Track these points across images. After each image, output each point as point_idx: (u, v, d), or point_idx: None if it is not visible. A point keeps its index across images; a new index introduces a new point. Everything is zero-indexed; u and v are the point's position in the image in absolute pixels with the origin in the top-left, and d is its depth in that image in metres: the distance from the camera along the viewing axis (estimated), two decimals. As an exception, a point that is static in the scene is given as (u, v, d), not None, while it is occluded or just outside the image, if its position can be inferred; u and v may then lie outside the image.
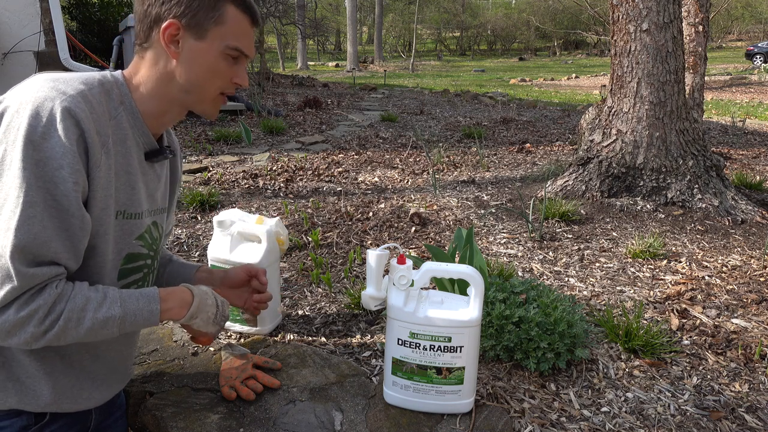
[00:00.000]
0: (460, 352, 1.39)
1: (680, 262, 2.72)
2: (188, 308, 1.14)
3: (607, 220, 3.33)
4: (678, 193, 3.50)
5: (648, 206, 3.48)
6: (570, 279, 2.52)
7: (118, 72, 1.13)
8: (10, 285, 0.92)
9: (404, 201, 3.68)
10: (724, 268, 2.65)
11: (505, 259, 2.74)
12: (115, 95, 1.07)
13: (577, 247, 2.90)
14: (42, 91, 0.96)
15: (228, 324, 1.98)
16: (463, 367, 1.42)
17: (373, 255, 1.43)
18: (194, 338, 1.28)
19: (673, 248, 2.90)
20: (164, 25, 1.07)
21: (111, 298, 1.02)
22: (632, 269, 2.63)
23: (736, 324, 2.11)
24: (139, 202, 1.13)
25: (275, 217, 2.65)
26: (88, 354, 1.14)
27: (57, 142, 0.93)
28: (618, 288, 2.43)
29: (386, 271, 1.45)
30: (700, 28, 4.55)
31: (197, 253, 2.76)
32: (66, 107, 0.95)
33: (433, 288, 2.17)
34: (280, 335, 1.96)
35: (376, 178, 4.32)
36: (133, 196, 1.11)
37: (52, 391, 1.08)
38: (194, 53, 1.08)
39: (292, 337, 1.95)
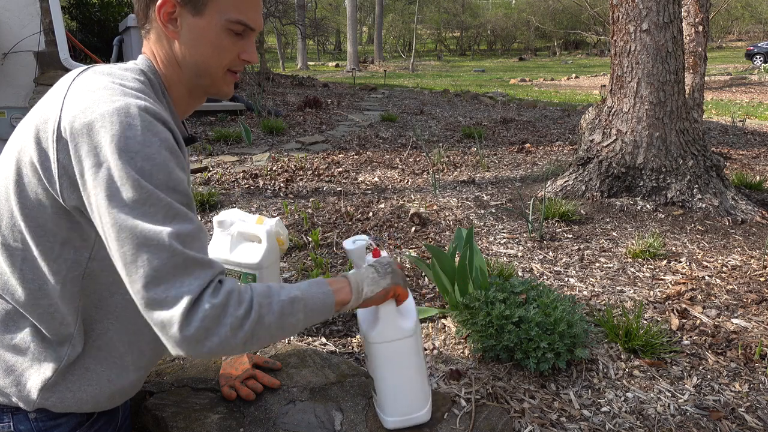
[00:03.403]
0: None
1: (680, 262, 2.72)
2: (349, 285, 1.07)
3: (607, 220, 3.33)
4: (678, 193, 3.50)
5: (648, 206, 3.48)
6: (570, 279, 2.52)
7: (146, 59, 1.07)
8: (201, 271, 0.87)
9: (404, 201, 3.68)
10: (724, 268, 2.65)
11: (505, 259, 2.74)
12: (156, 86, 1.04)
13: (577, 247, 2.90)
14: (113, 96, 0.91)
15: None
16: None
17: (349, 246, 1.33)
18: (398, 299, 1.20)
19: (673, 248, 2.90)
20: (159, 2, 1.00)
21: (281, 285, 0.99)
22: (632, 269, 2.63)
23: (736, 324, 2.11)
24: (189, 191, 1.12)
25: (275, 217, 2.65)
26: (153, 351, 1.14)
27: (161, 147, 0.89)
28: (618, 288, 2.43)
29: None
30: (700, 28, 4.55)
31: (197, 253, 2.75)
32: (146, 108, 0.91)
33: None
34: (280, 335, 1.96)
35: (376, 178, 4.32)
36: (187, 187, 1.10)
37: (113, 395, 1.09)
38: (194, 31, 1.01)
39: (292, 337, 1.95)
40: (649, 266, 2.66)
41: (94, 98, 0.91)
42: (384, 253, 1.26)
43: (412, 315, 1.24)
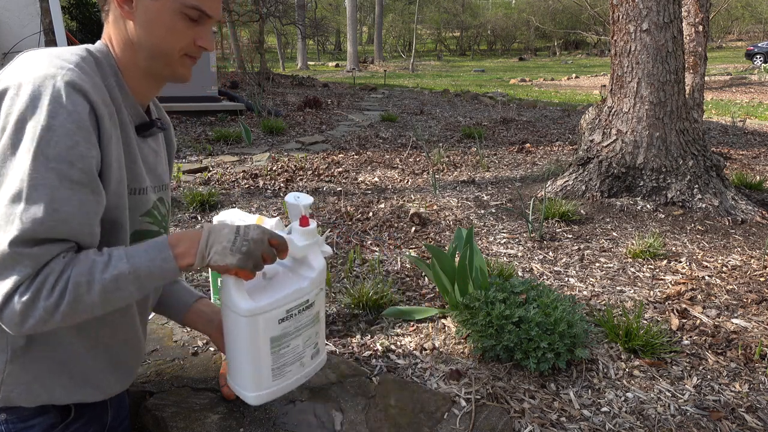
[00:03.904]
0: None
1: (680, 262, 2.72)
2: (197, 248, 0.99)
3: (607, 220, 3.33)
4: (678, 193, 3.50)
5: (648, 206, 3.49)
6: (570, 279, 2.52)
7: (101, 42, 1.07)
8: (19, 269, 0.88)
9: (404, 201, 3.68)
10: (724, 268, 2.65)
11: (505, 259, 2.74)
12: (105, 66, 1.03)
13: (577, 247, 2.90)
14: (40, 68, 0.93)
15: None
16: None
17: (290, 200, 1.22)
18: (237, 273, 1.04)
19: (673, 248, 2.90)
20: None
21: (116, 256, 0.95)
22: (632, 269, 2.63)
23: (736, 324, 2.11)
24: (142, 176, 1.09)
25: (275, 217, 2.65)
26: (107, 328, 1.11)
27: (67, 119, 0.89)
28: (618, 288, 2.43)
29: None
30: (700, 28, 4.55)
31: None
32: (70, 81, 0.91)
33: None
34: (280, 335, 1.96)
35: (376, 178, 4.32)
36: (136, 170, 1.08)
37: (74, 378, 1.07)
38: (149, 12, 1.01)
39: (292, 337, 1.95)
40: (649, 266, 2.66)
41: (22, 67, 0.95)
42: (312, 224, 1.14)
43: (259, 298, 1.09)
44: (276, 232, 1.06)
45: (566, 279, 2.52)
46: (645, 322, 2.10)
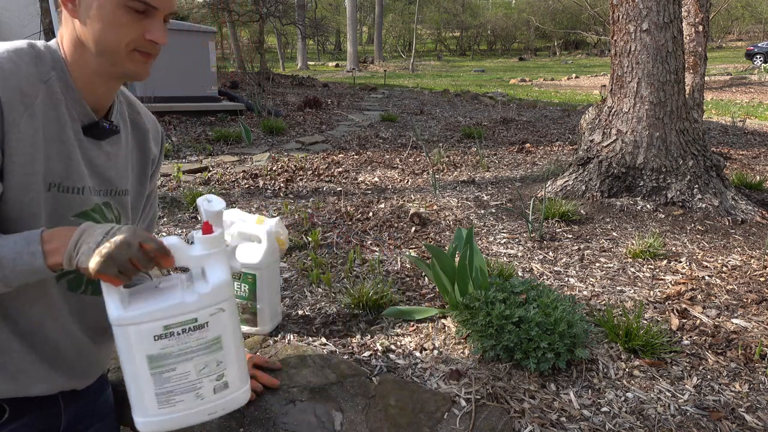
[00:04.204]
0: None
1: (680, 262, 2.72)
2: (66, 247, 0.91)
3: (607, 220, 3.33)
4: (678, 193, 3.50)
5: (648, 206, 3.49)
6: (570, 279, 2.52)
7: (54, 40, 1.06)
8: None
9: (404, 201, 3.68)
10: (724, 268, 2.65)
11: (505, 259, 2.74)
12: (47, 60, 1.01)
13: (577, 247, 2.90)
14: None
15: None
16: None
17: (202, 204, 1.10)
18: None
19: (673, 248, 2.90)
20: None
21: None
22: (632, 269, 2.63)
23: (736, 324, 2.11)
24: (80, 175, 1.04)
25: (275, 217, 2.65)
26: (24, 318, 1.05)
27: None
28: (618, 288, 2.43)
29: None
30: (700, 28, 4.55)
31: (197, 253, 2.76)
32: None
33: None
34: (280, 335, 1.96)
35: (376, 178, 4.32)
36: (70, 168, 1.03)
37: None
38: (90, 8, 0.98)
39: (292, 337, 1.95)
40: (649, 266, 2.66)
41: None
42: (217, 231, 1.02)
43: (133, 307, 0.98)
44: (152, 237, 0.95)
45: (566, 279, 2.52)
46: (645, 322, 2.10)
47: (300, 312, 2.16)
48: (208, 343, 1.03)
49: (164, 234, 3.00)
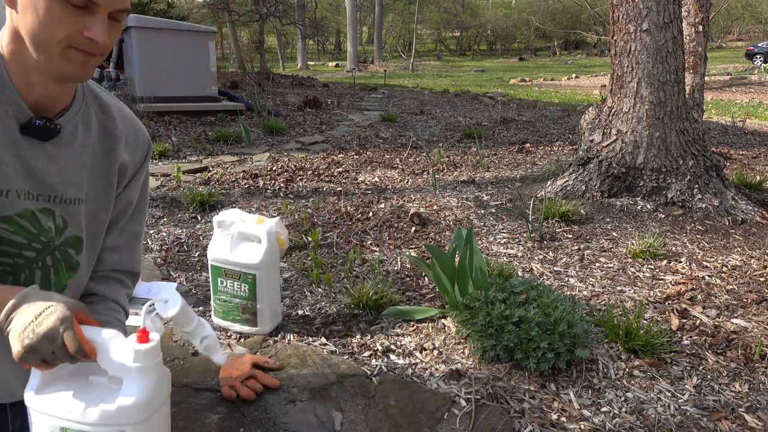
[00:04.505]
0: None
1: (680, 262, 2.72)
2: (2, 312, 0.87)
3: (607, 220, 3.33)
4: (678, 193, 3.50)
5: (648, 206, 3.49)
6: (570, 279, 2.52)
7: None
8: None
9: (404, 201, 3.68)
10: (724, 268, 2.65)
11: (505, 259, 2.74)
12: None
13: (577, 247, 2.90)
14: None
15: (228, 324, 1.98)
16: None
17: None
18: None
19: (673, 248, 2.90)
20: None
21: None
22: (632, 269, 2.63)
23: (736, 324, 2.11)
24: (5, 177, 0.97)
25: (275, 217, 2.65)
26: None
27: None
28: (618, 288, 2.43)
29: None
30: (700, 28, 4.55)
31: (197, 253, 2.76)
32: None
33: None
34: (280, 335, 1.96)
35: (376, 178, 4.32)
36: None
37: None
38: (27, 1, 0.91)
39: (292, 337, 1.95)
40: (649, 266, 2.66)
41: None
42: (153, 340, 0.88)
43: (47, 389, 0.91)
44: (77, 333, 0.86)
45: (566, 279, 2.52)
46: (645, 322, 2.10)
47: (300, 312, 2.16)
48: None
49: (164, 233, 3.00)
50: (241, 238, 1.95)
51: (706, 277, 2.54)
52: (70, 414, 0.89)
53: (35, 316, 0.85)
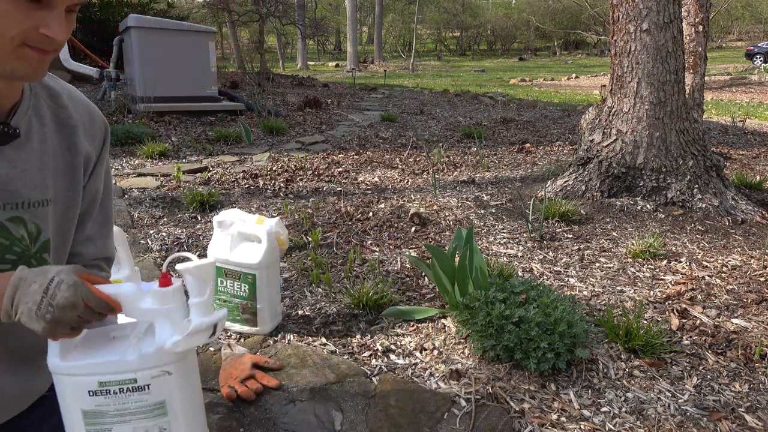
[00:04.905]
0: None
1: (680, 262, 2.72)
2: (2, 301, 0.84)
3: (607, 220, 3.33)
4: (678, 193, 3.50)
5: (648, 206, 3.49)
6: (570, 279, 2.52)
7: None
8: None
9: (404, 201, 3.68)
10: (724, 268, 2.65)
11: (505, 259, 2.74)
12: None
13: (577, 247, 2.90)
14: None
15: (228, 324, 1.98)
16: None
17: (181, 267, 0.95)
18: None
19: (673, 248, 2.90)
20: None
21: None
22: (632, 269, 2.63)
23: (736, 324, 2.11)
24: None
25: (275, 217, 2.65)
26: None
27: None
28: (618, 288, 2.43)
29: None
30: (700, 28, 4.55)
31: (197, 253, 2.76)
32: None
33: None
34: (280, 335, 1.96)
35: (376, 178, 4.32)
36: None
37: None
38: None
39: (292, 337, 1.95)
40: (649, 266, 2.66)
41: None
42: (175, 284, 0.91)
43: (73, 356, 0.92)
44: (95, 291, 0.87)
45: (566, 279, 2.52)
46: (645, 322, 2.10)
47: (300, 312, 2.16)
48: (150, 407, 0.93)
49: (164, 233, 3.00)
50: (241, 238, 1.95)
51: (706, 277, 2.54)
52: (107, 367, 0.90)
53: (44, 291, 0.83)
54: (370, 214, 3.39)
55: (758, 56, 24.61)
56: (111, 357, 0.91)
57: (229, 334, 1.96)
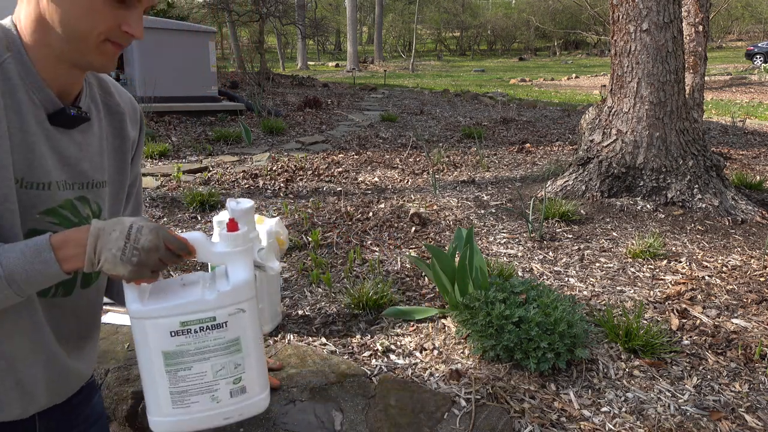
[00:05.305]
0: None
1: (680, 262, 2.72)
2: (84, 252, 0.88)
3: (607, 220, 3.33)
4: (678, 193, 3.50)
5: (648, 206, 3.48)
6: (570, 279, 2.52)
7: (8, 19, 0.96)
8: None
9: (404, 201, 3.68)
10: (724, 268, 2.65)
11: (505, 259, 2.74)
12: (0, 39, 0.91)
13: (577, 247, 2.90)
14: None
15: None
16: None
17: (233, 206, 1.07)
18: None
19: (673, 248, 2.90)
20: None
21: None
22: (632, 269, 2.63)
23: (736, 324, 2.11)
24: (45, 170, 0.96)
25: (275, 217, 2.65)
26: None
27: None
28: (618, 288, 2.43)
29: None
30: (700, 28, 4.55)
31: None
32: None
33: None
34: (280, 335, 1.96)
35: (376, 178, 4.32)
36: (34, 162, 0.94)
37: None
38: None
39: (292, 337, 1.95)
40: (649, 266, 2.66)
41: None
42: (242, 229, 1.01)
43: (151, 302, 0.98)
44: (174, 234, 0.94)
45: (566, 279, 2.52)
46: (645, 322, 2.10)
47: (300, 312, 2.16)
48: (227, 343, 1.00)
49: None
50: (241, 238, 1.95)
51: (706, 277, 2.54)
52: (188, 307, 0.96)
53: (126, 237, 0.88)
54: (370, 214, 3.39)
55: (758, 56, 24.62)
56: (192, 297, 0.97)
57: (229, 334, 1.97)
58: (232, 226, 0.99)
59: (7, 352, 0.98)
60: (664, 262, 2.71)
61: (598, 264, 2.69)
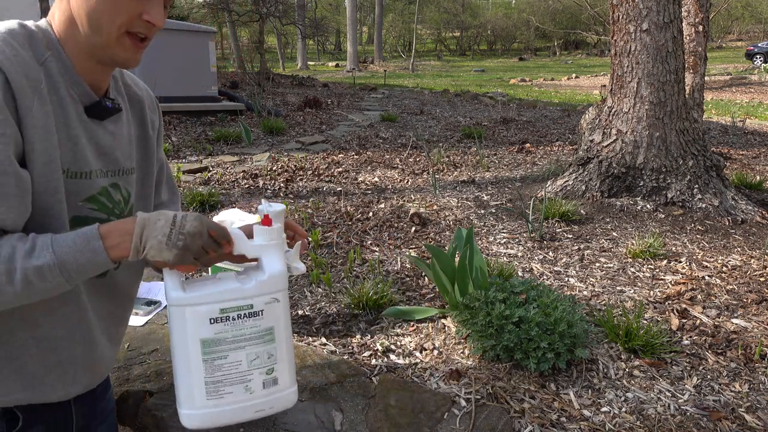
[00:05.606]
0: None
1: (680, 262, 2.72)
2: (131, 241, 0.93)
3: (607, 220, 3.33)
4: (678, 193, 3.50)
5: (648, 206, 3.48)
6: (570, 279, 2.52)
7: (44, 19, 1.01)
8: None
9: (404, 201, 3.68)
10: (724, 268, 2.65)
11: (505, 259, 2.74)
12: (40, 39, 0.96)
13: (577, 247, 2.90)
14: None
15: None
16: None
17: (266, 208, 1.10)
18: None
19: (673, 248, 2.90)
20: None
21: (40, 245, 0.88)
22: (632, 269, 2.63)
23: (736, 324, 2.11)
24: (86, 160, 1.02)
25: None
26: (49, 318, 1.02)
27: None
28: (618, 288, 2.43)
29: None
30: (700, 28, 4.55)
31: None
32: None
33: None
34: (280, 335, 1.96)
35: (376, 178, 4.32)
36: (77, 153, 1.00)
37: (13, 376, 0.99)
38: None
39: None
40: (649, 266, 2.66)
41: None
42: (275, 225, 1.05)
43: (191, 290, 1.01)
44: (216, 223, 0.99)
45: (566, 279, 2.52)
46: (645, 322, 2.10)
47: (300, 312, 2.16)
48: (262, 332, 1.04)
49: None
50: (241, 238, 1.95)
51: (706, 277, 2.54)
52: (228, 294, 1.01)
53: (172, 225, 0.94)
54: (370, 214, 3.39)
55: (758, 56, 24.62)
56: (230, 285, 1.02)
57: (229, 334, 1.97)
58: (267, 221, 1.05)
59: (52, 334, 1.02)
60: (664, 262, 2.71)
61: (598, 264, 2.69)
